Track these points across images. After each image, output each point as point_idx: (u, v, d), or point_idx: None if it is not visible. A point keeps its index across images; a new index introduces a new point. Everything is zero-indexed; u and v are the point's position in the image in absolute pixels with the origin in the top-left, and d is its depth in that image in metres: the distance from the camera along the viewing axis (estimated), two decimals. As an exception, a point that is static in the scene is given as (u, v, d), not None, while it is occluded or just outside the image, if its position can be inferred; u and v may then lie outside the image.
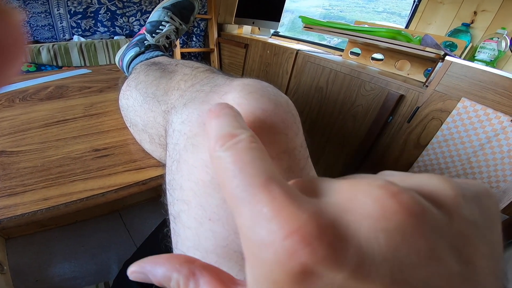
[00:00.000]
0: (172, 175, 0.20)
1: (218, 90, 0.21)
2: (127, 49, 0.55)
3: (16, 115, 0.44)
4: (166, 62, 0.37)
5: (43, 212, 0.26)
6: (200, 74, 0.28)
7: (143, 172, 0.32)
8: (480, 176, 0.69)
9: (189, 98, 0.23)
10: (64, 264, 0.89)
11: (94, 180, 0.30)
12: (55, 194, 0.28)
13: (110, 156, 0.34)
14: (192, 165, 0.18)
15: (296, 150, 0.19)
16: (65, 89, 0.56)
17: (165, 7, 0.56)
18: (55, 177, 0.30)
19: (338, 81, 0.87)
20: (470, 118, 0.64)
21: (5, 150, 0.35)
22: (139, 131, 0.33)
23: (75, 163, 0.33)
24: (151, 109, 0.29)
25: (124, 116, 0.36)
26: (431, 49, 0.67)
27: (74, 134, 0.38)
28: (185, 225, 0.18)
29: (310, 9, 2.32)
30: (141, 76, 0.34)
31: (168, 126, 0.23)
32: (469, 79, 0.63)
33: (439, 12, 0.96)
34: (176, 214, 0.19)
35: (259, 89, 0.19)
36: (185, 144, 0.19)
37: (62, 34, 1.20)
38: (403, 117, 0.75)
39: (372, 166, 0.84)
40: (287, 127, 0.18)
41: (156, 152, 0.32)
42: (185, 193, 0.18)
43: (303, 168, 0.19)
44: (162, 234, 0.51)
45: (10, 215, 0.26)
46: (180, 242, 0.19)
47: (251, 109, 0.18)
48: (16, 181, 0.30)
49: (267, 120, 0.17)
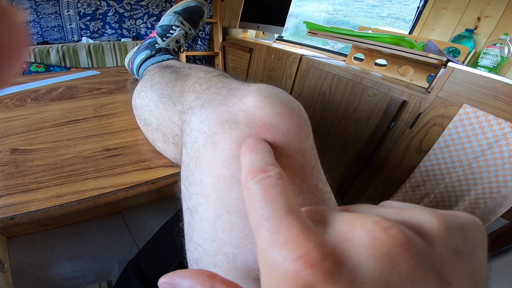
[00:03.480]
0: (190, 172, 0.21)
1: (236, 94, 0.22)
2: (137, 52, 0.56)
3: (28, 115, 0.46)
4: (179, 65, 0.38)
5: (56, 208, 0.27)
6: (214, 78, 0.29)
7: (152, 172, 0.33)
8: (481, 182, 0.70)
9: (206, 99, 0.24)
10: (65, 264, 0.89)
11: (105, 178, 0.31)
12: (67, 191, 0.29)
13: (121, 156, 0.35)
14: (212, 162, 0.19)
15: (308, 151, 0.20)
16: (75, 90, 0.57)
17: (176, 12, 0.58)
18: (67, 175, 0.31)
19: (341, 86, 0.88)
20: (471, 124, 0.65)
21: (18, 148, 0.36)
22: (153, 130, 0.34)
23: (87, 162, 0.34)
24: (166, 109, 0.30)
25: (138, 116, 0.37)
26: (434, 55, 0.69)
27: (86, 134, 0.40)
28: (203, 218, 0.19)
29: (314, 13, 2.33)
30: (156, 78, 0.35)
31: (185, 126, 0.25)
32: (471, 85, 0.64)
33: (442, 18, 0.97)
34: (193, 208, 0.20)
35: (273, 94, 0.21)
36: (205, 142, 0.20)
37: (71, 35, 1.22)
38: (405, 123, 0.76)
39: (373, 171, 0.85)
40: (300, 130, 0.20)
41: (168, 150, 0.33)
42: (205, 187, 0.19)
43: (314, 167, 0.20)
44: (166, 234, 0.52)
45: (24, 211, 0.26)
46: (196, 235, 0.20)
47: (267, 112, 0.19)
48: (30, 178, 0.31)
49: (281, 122, 0.19)
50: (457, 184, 0.73)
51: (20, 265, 0.86)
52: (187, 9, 0.59)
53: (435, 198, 0.77)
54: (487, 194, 0.70)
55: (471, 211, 0.71)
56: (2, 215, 0.26)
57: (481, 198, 0.71)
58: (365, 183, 0.87)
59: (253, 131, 0.19)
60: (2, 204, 0.27)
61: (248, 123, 0.19)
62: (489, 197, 0.69)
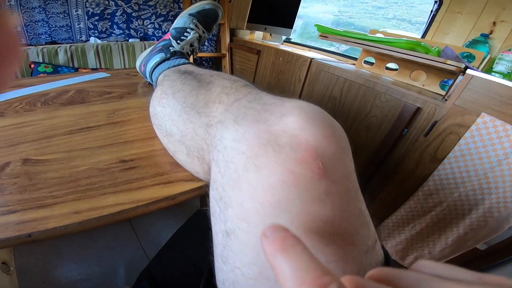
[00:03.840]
0: (225, 193, 0.20)
1: (272, 110, 0.21)
2: (150, 55, 0.55)
3: (38, 120, 0.44)
4: (200, 72, 0.36)
5: (75, 225, 0.26)
6: (242, 88, 0.28)
7: (172, 187, 0.32)
8: (495, 191, 0.68)
9: (238, 114, 0.23)
10: (71, 266, 0.89)
11: (124, 193, 0.30)
12: (85, 207, 0.28)
13: (137, 168, 0.34)
14: (256, 186, 0.18)
15: (352, 174, 0.20)
16: (85, 94, 0.56)
17: (191, 14, 0.57)
18: (84, 189, 0.30)
19: (352, 91, 0.87)
20: (489, 133, 0.63)
21: (30, 158, 0.35)
22: (175, 142, 0.32)
23: (103, 174, 0.32)
24: (190, 120, 0.29)
25: (158, 125, 0.36)
26: (452, 62, 0.67)
27: (99, 143, 0.38)
28: (242, 242, 0.18)
29: (319, 14, 2.31)
30: (177, 84, 0.34)
31: (216, 141, 0.23)
32: (489, 94, 0.62)
33: (456, 22, 0.95)
34: (230, 231, 0.19)
35: (316, 114, 0.20)
36: (245, 164, 0.19)
37: (79, 35, 1.21)
38: (418, 130, 0.75)
39: (385, 176, 0.84)
40: (345, 153, 0.19)
41: (192, 164, 0.31)
42: (247, 212, 0.18)
43: (357, 190, 0.20)
44: (178, 243, 0.51)
45: (42, 229, 0.25)
46: (234, 257, 0.19)
47: (312, 134, 0.18)
48: (45, 192, 0.29)
49: (328, 146, 0.18)
50: (472, 193, 0.71)
51: (25, 268, 0.86)
52: (202, 12, 0.57)
53: (448, 207, 0.75)
54: (501, 203, 0.68)
55: (485, 219, 0.70)
56: (19, 232, 0.24)
57: (495, 207, 0.69)
58: (377, 187, 0.86)
59: (299, 155, 0.18)
60: (18, 220, 0.26)
61: (293, 146, 0.18)
62: (503, 206, 0.68)
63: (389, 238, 0.85)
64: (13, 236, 0.24)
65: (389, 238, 0.85)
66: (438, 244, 0.77)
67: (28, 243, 0.25)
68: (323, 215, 0.17)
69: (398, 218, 0.82)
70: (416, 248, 0.82)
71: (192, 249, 0.47)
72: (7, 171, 0.32)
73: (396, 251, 0.86)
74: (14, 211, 0.27)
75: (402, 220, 0.82)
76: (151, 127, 0.43)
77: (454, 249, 0.74)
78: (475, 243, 0.70)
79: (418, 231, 0.79)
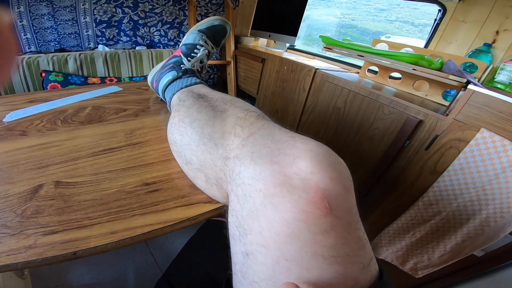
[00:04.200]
0: (244, 221, 0.24)
1: (285, 151, 0.24)
2: (162, 72, 0.56)
3: (61, 141, 0.47)
4: (213, 97, 0.38)
5: (113, 244, 0.29)
6: (256, 121, 0.30)
7: (193, 208, 0.35)
8: (492, 202, 0.71)
9: (253, 151, 0.26)
10: (83, 270, 0.92)
11: (151, 215, 0.33)
12: (120, 228, 0.31)
13: (160, 191, 0.37)
14: (273, 220, 0.22)
15: (353, 209, 0.23)
16: (102, 111, 0.59)
17: (200, 30, 0.58)
18: (115, 211, 0.33)
19: (356, 103, 0.89)
20: (487, 148, 0.66)
21: (61, 181, 0.37)
22: (194, 170, 0.35)
23: (131, 197, 0.35)
24: (208, 151, 0.31)
25: (177, 152, 0.38)
26: (454, 77, 0.69)
27: (122, 165, 0.41)
28: (260, 262, 0.22)
29: (321, 17, 2.32)
30: (194, 113, 0.36)
31: (234, 175, 0.26)
32: (489, 109, 0.64)
33: (460, 31, 0.95)
34: (249, 252, 0.23)
35: (325, 158, 0.23)
36: (263, 201, 0.23)
37: (87, 42, 1.24)
38: (420, 142, 0.77)
39: (387, 187, 0.86)
40: (347, 191, 0.23)
41: (210, 190, 0.34)
42: (265, 239, 0.22)
43: (357, 221, 0.23)
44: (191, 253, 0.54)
45: (85, 247, 0.28)
46: (252, 273, 0.22)
47: (321, 178, 0.22)
48: (81, 213, 0.32)
49: (334, 187, 0.22)
50: (469, 204, 0.74)
51: (39, 272, 0.89)
52: (211, 28, 0.59)
53: (446, 216, 0.78)
54: (498, 214, 0.71)
55: (482, 228, 0.73)
56: (65, 250, 0.27)
57: (491, 217, 0.72)
58: (379, 198, 0.88)
59: (309, 196, 0.21)
60: (62, 240, 0.28)
61: (304, 188, 0.21)
62: (500, 216, 0.71)
63: (390, 245, 0.89)
64: (60, 255, 0.27)
65: (390, 245, 0.89)
66: (437, 250, 0.80)
67: (72, 259, 0.28)
68: (328, 242, 0.20)
69: (399, 226, 0.85)
70: (416, 254, 0.85)
71: (206, 260, 0.50)
72: (42, 194, 0.35)
73: (397, 257, 0.89)
74: (56, 232, 0.29)
75: (402, 228, 0.85)
76: (167, 149, 0.46)
77: (452, 255, 0.77)
78: (472, 250, 0.74)
79: (418, 238, 0.83)
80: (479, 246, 0.72)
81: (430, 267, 0.82)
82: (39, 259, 0.26)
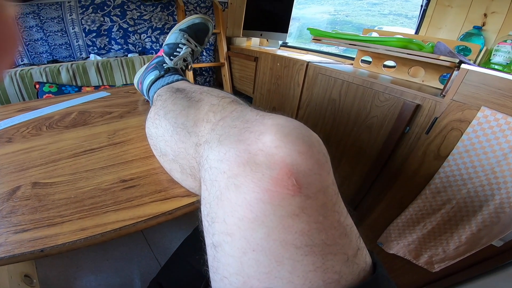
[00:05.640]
0: (211, 208, 0.21)
1: (252, 129, 0.22)
2: (146, 72, 0.56)
3: (45, 145, 0.46)
4: (190, 89, 0.38)
5: (82, 241, 0.28)
6: (228, 106, 0.29)
7: (169, 203, 0.33)
8: (504, 186, 0.67)
9: (222, 133, 0.24)
10: (90, 277, 0.92)
11: (125, 211, 0.32)
12: (90, 224, 0.30)
13: (137, 187, 0.35)
14: (236, 203, 0.19)
15: (329, 188, 0.20)
16: (87, 115, 0.58)
17: (181, 29, 0.58)
18: (88, 208, 0.32)
19: (351, 93, 0.87)
20: (491, 127, 0.62)
21: (39, 182, 0.37)
22: (170, 161, 0.33)
23: (105, 194, 0.34)
24: (181, 140, 0.30)
25: (153, 145, 0.37)
26: (446, 58, 0.66)
27: (102, 164, 0.40)
28: (228, 254, 0.19)
29: (316, 15, 2.32)
30: (169, 105, 0.35)
31: (203, 161, 0.24)
32: (487, 87, 0.61)
33: (448, 16, 0.94)
34: (217, 244, 0.20)
35: (293, 131, 0.20)
36: (227, 183, 0.20)
37: (79, 52, 1.25)
38: (420, 127, 0.74)
39: (390, 177, 0.83)
40: (321, 167, 0.20)
41: (186, 181, 0.33)
42: (229, 227, 0.19)
43: (335, 203, 0.20)
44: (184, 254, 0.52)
45: (52, 244, 0.27)
46: (222, 268, 0.20)
47: (288, 152, 0.19)
48: (54, 212, 0.31)
49: (303, 162, 0.19)
50: (480, 189, 0.70)
51: (48, 279, 0.89)
52: (192, 26, 0.58)
53: (457, 204, 0.74)
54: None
55: (497, 215, 0.68)
56: (32, 248, 0.27)
57: (506, 202, 0.68)
58: (383, 189, 0.85)
59: (274, 173, 0.18)
60: (31, 237, 0.28)
61: (269, 165, 0.19)
62: (514, 200, 0.66)
63: (400, 238, 0.84)
64: (28, 252, 0.27)
65: (400, 238, 0.84)
66: (452, 242, 0.75)
67: (41, 257, 0.27)
68: (298, 228, 0.18)
69: (408, 218, 0.81)
70: (429, 247, 0.80)
71: (200, 260, 0.49)
72: (18, 194, 0.34)
73: (409, 250, 0.84)
74: (27, 230, 0.29)
75: (412, 219, 0.81)
76: (149, 146, 0.45)
77: (469, 247, 0.73)
78: (489, 240, 0.69)
79: (429, 230, 0.78)
80: (496, 235, 0.67)
81: (446, 260, 0.77)
82: (6, 256, 0.26)
